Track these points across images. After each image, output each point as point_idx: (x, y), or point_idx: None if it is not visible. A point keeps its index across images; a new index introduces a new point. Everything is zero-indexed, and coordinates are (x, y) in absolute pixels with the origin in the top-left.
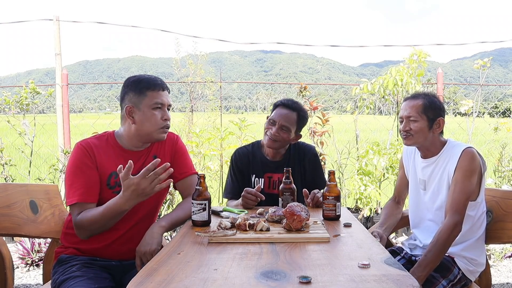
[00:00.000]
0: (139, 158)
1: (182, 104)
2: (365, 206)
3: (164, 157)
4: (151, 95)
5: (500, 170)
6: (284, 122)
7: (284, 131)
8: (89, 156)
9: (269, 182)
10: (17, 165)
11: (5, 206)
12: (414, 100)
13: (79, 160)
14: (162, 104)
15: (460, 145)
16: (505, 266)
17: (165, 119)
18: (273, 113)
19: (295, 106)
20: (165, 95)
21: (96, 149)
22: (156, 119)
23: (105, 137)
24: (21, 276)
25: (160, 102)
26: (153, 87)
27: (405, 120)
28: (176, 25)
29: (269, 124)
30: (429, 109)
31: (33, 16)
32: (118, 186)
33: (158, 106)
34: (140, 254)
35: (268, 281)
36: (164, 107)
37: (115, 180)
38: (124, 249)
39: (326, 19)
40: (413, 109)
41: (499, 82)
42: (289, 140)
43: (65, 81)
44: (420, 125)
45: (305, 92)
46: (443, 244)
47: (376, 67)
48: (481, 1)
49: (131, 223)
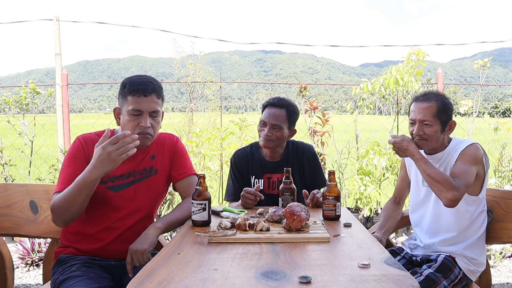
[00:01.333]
0: (135, 157)
1: (182, 104)
2: (365, 206)
3: (162, 157)
4: (131, 100)
5: (500, 170)
6: (275, 121)
7: (277, 130)
8: (82, 150)
9: (268, 183)
10: (17, 165)
11: (5, 206)
12: (426, 102)
13: (71, 153)
14: (139, 111)
15: (465, 141)
16: (505, 266)
17: (141, 125)
18: (263, 114)
19: (282, 103)
20: (148, 100)
21: (92, 143)
22: (132, 126)
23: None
24: (21, 276)
25: (137, 109)
26: (134, 92)
27: (418, 123)
28: (176, 25)
29: (261, 126)
30: (442, 112)
31: (33, 16)
32: (110, 182)
33: (135, 113)
34: (132, 251)
35: (268, 281)
36: (143, 113)
37: (108, 175)
38: (123, 249)
39: (326, 19)
40: (427, 113)
41: (499, 82)
42: (284, 137)
43: (65, 81)
44: (434, 129)
45: (305, 92)
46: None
47: (376, 67)
48: (481, 1)
49: (129, 223)
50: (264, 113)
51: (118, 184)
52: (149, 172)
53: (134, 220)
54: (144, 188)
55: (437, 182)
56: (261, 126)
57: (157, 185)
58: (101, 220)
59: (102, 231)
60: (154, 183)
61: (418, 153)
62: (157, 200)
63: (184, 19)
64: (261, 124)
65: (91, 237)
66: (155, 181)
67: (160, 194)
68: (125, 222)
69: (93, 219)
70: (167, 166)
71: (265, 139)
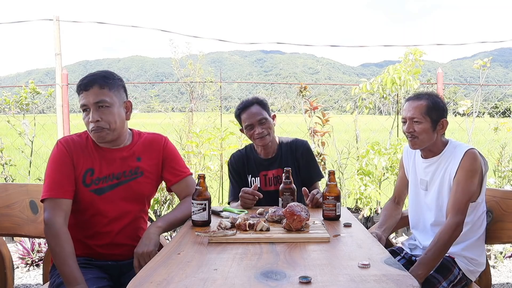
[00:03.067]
0: (119, 156)
1: (182, 104)
2: (365, 206)
3: (149, 159)
4: (79, 99)
5: (500, 170)
6: (258, 117)
7: (264, 123)
8: (66, 153)
9: (265, 180)
10: (17, 165)
11: (5, 206)
12: (417, 100)
13: (56, 157)
14: (85, 106)
15: (462, 145)
16: (505, 266)
17: (90, 121)
18: (243, 120)
19: (250, 101)
20: (90, 94)
21: (74, 145)
22: (86, 123)
23: (86, 134)
24: (21, 276)
25: (82, 104)
26: (78, 90)
27: (408, 121)
28: (176, 25)
29: (249, 130)
30: (432, 110)
31: (33, 16)
32: (94, 184)
33: (83, 109)
34: (138, 255)
35: (268, 281)
36: (90, 107)
37: (91, 177)
38: (118, 250)
39: (326, 19)
40: (416, 110)
41: (499, 82)
42: (273, 126)
43: (65, 81)
44: (424, 126)
45: (305, 92)
46: (444, 244)
47: (376, 67)
48: (482, 1)
49: (118, 227)
50: (243, 119)
51: (101, 187)
52: (135, 174)
53: (123, 224)
54: (129, 190)
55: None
56: (249, 130)
57: (144, 187)
58: (89, 225)
59: (92, 237)
60: (140, 185)
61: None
62: (144, 202)
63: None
64: (248, 129)
65: (82, 243)
66: (142, 183)
67: (147, 196)
68: (113, 227)
69: (81, 224)
70: (155, 168)
71: (260, 137)
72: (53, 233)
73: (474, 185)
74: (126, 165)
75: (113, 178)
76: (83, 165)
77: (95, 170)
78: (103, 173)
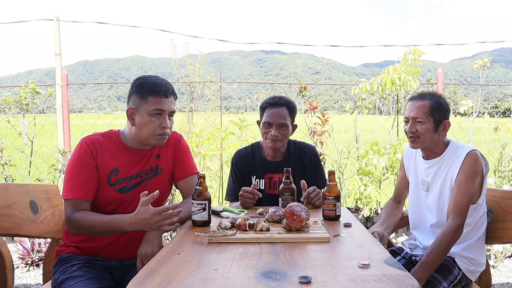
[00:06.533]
0: (143, 156)
1: (182, 104)
2: (365, 206)
3: (167, 156)
4: (152, 101)
5: (500, 170)
6: (280, 120)
7: (283, 128)
8: (90, 154)
9: (269, 183)
10: (17, 165)
11: (5, 206)
12: (420, 100)
13: (80, 157)
14: (161, 111)
15: (463, 146)
16: (505, 266)
17: (163, 126)
18: (265, 116)
19: (282, 102)
20: (168, 102)
21: (100, 146)
22: (153, 126)
23: (110, 134)
24: (21, 276)
25: (160, 109)
26: (156, 93)
27: (411, 121)
28: (176, 25)
29: (266, 127)
30: (436, 110)
31: (33, 16)
32: (118, 184)
33: (158, 112)
34: (141, 256)
35: (268, 281)
36: (164, 113)
37: (116, 177)
38: (125, 249)
39: (326, 19)
40: (420, 110)
41: (499, 82)
42: (289, 134)
43: (65, 81)
44: (426, 127)
45: (305, 92)
46: (445, 246)
47: (377, 67)
48: (482, 1)
49: None
50: (266, 114)
51: (126, 186)
52: (155, 171)
53: None
54: (150, 187)
55: (447, 248)
56: (266, 128)
57: (163, 183)
58: None
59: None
60: (160, 182)
61: (425, 271)
62: (162, 198)
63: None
64: (265, 126)
65: (93, 237)
66: (161, 179)
67: (165, 192)
68: None
69: None
70: (171, 164)
71: (273, 140)
72: (75, 224)
73: (475, 187)
74: (147, 163)
75: (136, 176)
76: (108, 165)
77: (119, 170)
78: (127, 172)
